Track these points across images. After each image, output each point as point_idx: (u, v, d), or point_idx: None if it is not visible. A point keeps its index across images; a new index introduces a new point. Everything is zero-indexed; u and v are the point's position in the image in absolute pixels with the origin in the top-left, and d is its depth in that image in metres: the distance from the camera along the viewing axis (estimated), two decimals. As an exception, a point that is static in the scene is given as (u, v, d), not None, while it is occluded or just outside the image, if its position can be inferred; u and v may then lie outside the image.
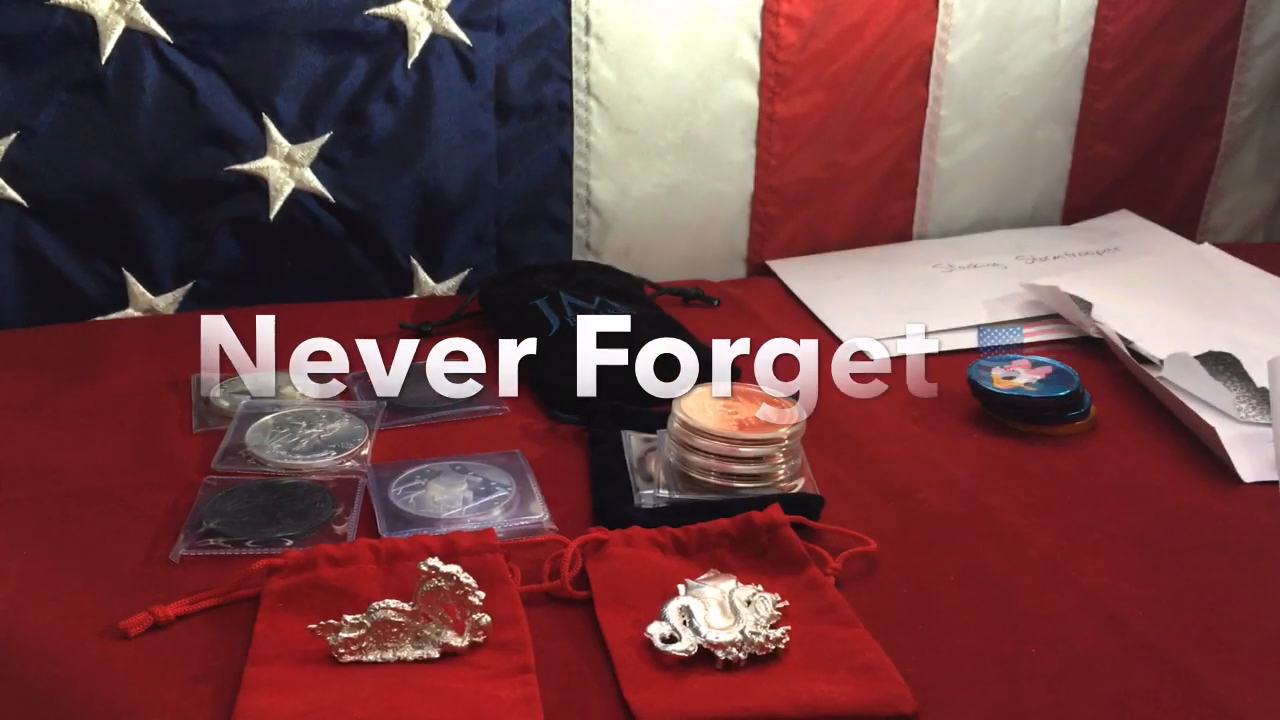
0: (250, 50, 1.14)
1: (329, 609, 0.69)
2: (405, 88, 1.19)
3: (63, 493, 0.85)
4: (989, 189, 1.44)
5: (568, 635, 0.71)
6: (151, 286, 1.19)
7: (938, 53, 1.36)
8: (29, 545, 0.79)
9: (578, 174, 1.28)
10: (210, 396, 0.98)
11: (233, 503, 0.83)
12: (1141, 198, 1.49)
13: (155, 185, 1.15)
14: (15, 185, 1.11)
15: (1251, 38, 1.45)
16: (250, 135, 1.16)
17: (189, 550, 0.78)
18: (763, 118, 1.31)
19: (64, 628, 0.70)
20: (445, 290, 1.28)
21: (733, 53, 1.28)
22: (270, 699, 0.64)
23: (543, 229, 1.29)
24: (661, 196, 1.31)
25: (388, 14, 1.17)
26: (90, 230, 1.15)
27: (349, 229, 1.22)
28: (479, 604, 0.68)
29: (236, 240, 1.20)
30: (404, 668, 0.67)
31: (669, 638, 0.69)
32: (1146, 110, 1.45)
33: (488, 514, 0.83)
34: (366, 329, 1.05)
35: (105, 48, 1.10)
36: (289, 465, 0.89)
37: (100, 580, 0.75)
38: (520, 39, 1.22)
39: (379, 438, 0.94)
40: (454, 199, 1.24)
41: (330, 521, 0.82)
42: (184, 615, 0.71)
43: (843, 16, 1.30)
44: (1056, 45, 1.40)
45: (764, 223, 1.35)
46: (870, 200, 1.40)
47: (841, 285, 1.29)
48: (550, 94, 1.24)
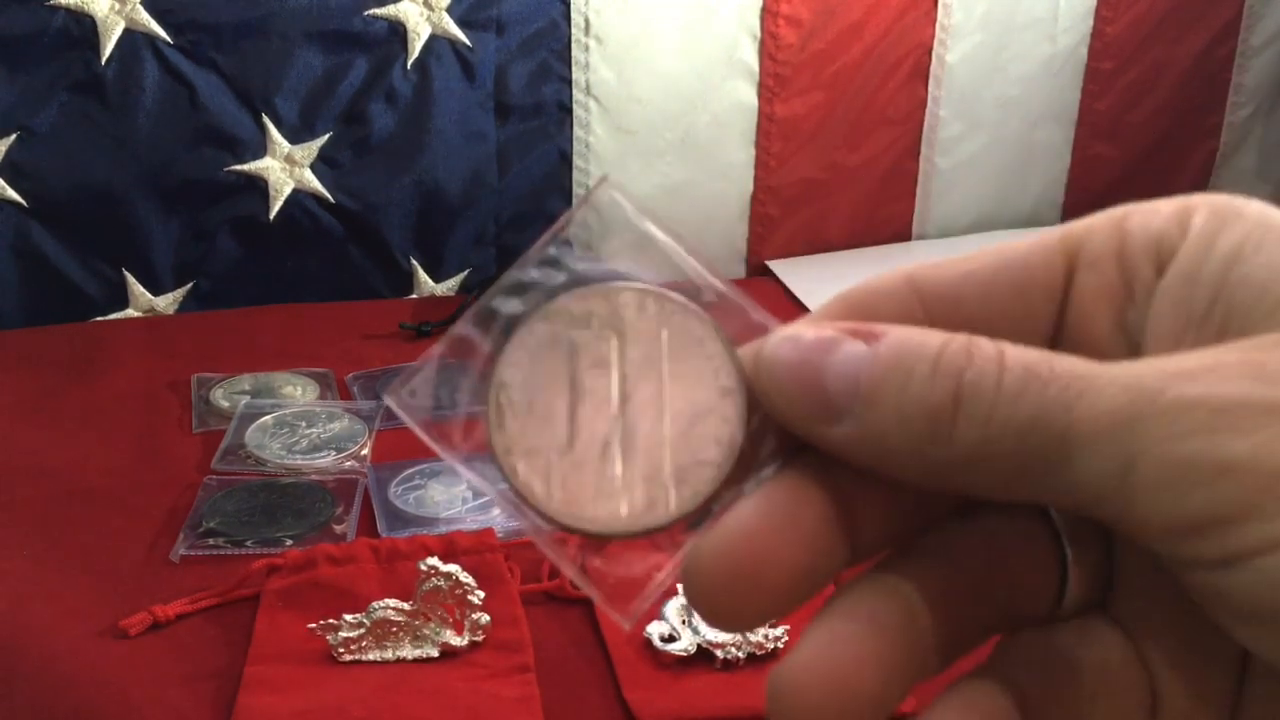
0: (250, 51, 1.14)
1: (329, 608, 0.69)
2: (405, 88, 1.19)
3: (63, 493, 0.86)
4: (988, 189, 1.44)
5: (567, 635, 0.71)
6: (151, 286, 1.19)
7: (937, 53, 1.36)
8: (29, 545, 0.79)
9: (577, 174, 1.28)
10: (210, 396, 0.99)
11: (233, 502, 0.83)
12: (1140, 198, 1.42)
13: (155, 185, 1.15)
14: (15, 185, 1.12)
15: (1250, 38, 1.45)
16: (250, 135, 1.16)
17: (189, 550, 0.78)
18: (762, 118, 1.31)
19: (64, 627, 0.70)
20: (445, 290, 1.28)
21: (732, 53, 1.28)
22: (270, 698, 0.64)
23: (542, 229, 1.28)
24: (661, 197, 1.31)
25: (387, 14, 1.17)
26: (90, 230, 1.15)
27: (349, 229, 1.22)
28: (478, 603, 0.68)
29: (236, 240, 1.20)
30: (403, 667, 0.67)
31: (668, 637, 0.69)
32: (1145, 111, 1.45)
33: (487, 514, 0.83)
34: (366, 329, 1.05)
35: (105, 48, 1.10)
36: (289, 465, 0.89)
37: (100, 580, 0.75)
38: (520, 39, 1.22)
39: (379, 438, 0.94)
40: (454, 199, 1.24)
41: (330, 521, 0.82)
42: (184, 615, 0.72)
43: (842, 17, 1.30)
44: (1055, 46, 1.40)
45: (763, 223, 1.36)
46: (869, 200, 1.40)
47: (841, 285, 1.28)
48: (550, 94, 1.24)
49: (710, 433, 0.22)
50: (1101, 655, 0.22)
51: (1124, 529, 0.20)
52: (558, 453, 0.22)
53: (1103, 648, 0.23)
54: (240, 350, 1.09)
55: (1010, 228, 1.46)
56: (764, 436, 0.22)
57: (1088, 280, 0.23)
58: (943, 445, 0.20)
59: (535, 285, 0.23)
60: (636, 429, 0.22)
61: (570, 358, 0.22)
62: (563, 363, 0.22)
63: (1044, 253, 0.23)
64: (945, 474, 0.21)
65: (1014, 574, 0.23)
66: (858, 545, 0.22)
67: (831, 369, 0.21)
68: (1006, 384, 0.20)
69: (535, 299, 0.22)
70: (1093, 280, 0.23)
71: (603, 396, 0.22)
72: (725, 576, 0.21)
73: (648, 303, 0.22)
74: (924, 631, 0.22)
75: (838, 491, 0.22)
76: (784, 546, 0.21)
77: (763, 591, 0.21)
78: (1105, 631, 0.23)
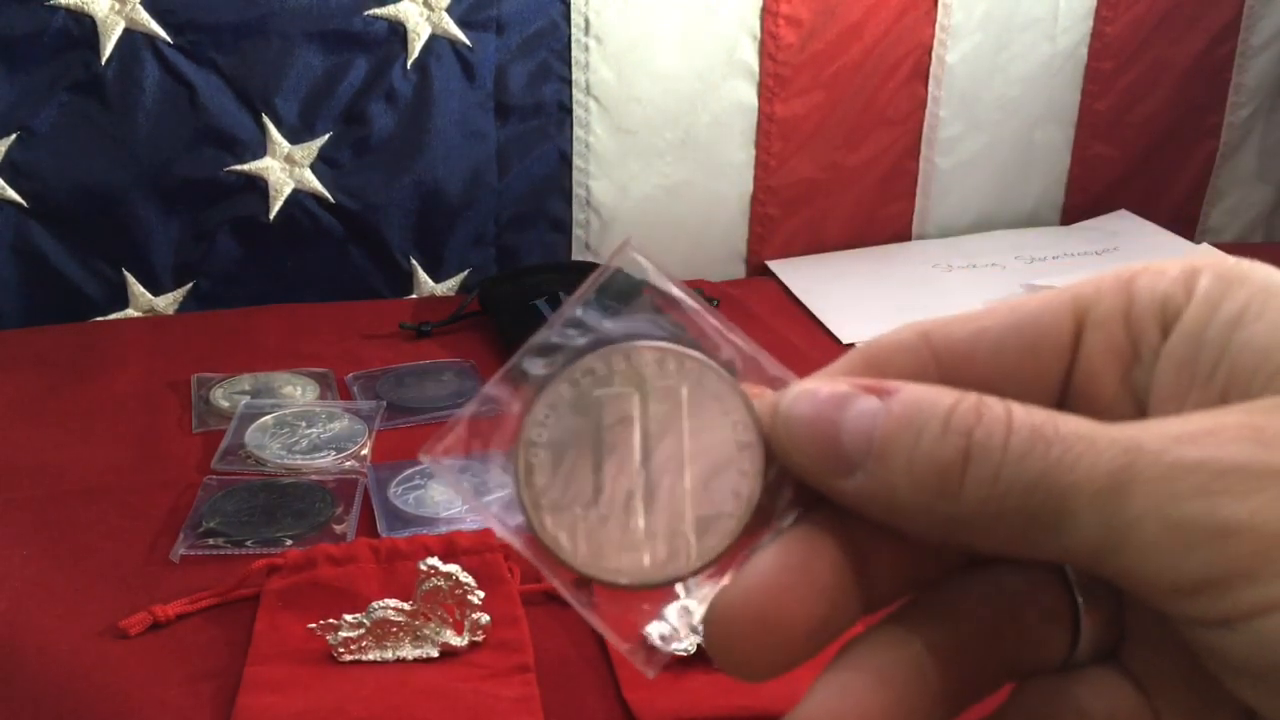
0: (250, 50, 1.14)
1: (328, 608, 0.69)
2: (405, 88, 1.19)
3: (63, 493, 0.86)
4: (988, 189, 1.44)
5: (567, 635, 0.71)
6: (151, 286, 1.19)
7: (937, 53, 1.36)
8: (29, 545, 0.79)
9: (577, 174, 1.28)
10: (210, 396, 0.99)
11: (233, 502, 0.83)
12: (1140, 198, 1.49)
13: (155, 185, 1.15)
14: (15, 185, 1.12)
15: (1250, 38, 1.45)
16: (250, 135, 1.16)
17: (189, 550, 0.78)
18: (762, 118, 1.31)
19: (64, 627, 0.70)
20: (445, 290, 1.28)
21: (732, 53, 1.28)
22: (270, 698, 0.64)
23: (542, 229, 1.29)
24: (661, 197, 1.31)
25: (387, 14, 1.17)
26: (90, 230, 1.15)
27: (349, 229, 1.22)
28: (478, 603, 0.68)
29: (236, 240, 1.20)
30: (403, 667, 0.67)
31: (668, 637, 0.68)
32: (1145, 111, 1.45)
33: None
34: (366, 329, 1.05)
35: (105, 48, 1.10)
36: (289, 465, 0.89)
37: (100, 580, 0.75)
38: (520, 39, 1.22)
39: (379, 438, 0.94)
40: (454, 199, 1.24)
41: (330, 521, 0.82)
42: (184, 615, 0.72)
43: (842, 17, 1.30)
44: (1055, 46, 1.40)
45: (763, 223, 1.36)
46: (869, 200, 1.40)
47: (841, 285, 1.29)
48: (550, 94, 1.24)
49: (729, 485, 0.22)
50: (1111, 705, 0.23)
51: (1126, 587, 0.20)
52: (583, 506, 0.23)
53: (1113, 697, 0.23)
54: (240, 350, 1.09)
55: (1010, 228, 1.46)
56: (781, 489, 0.23)
57: (1096, 340, 0.23)
58: (951, 501, 0.21)
59: (561, 346, 0.24)
60: (658, 483, 0.23)
61: (594, 415, 0.23)
62: (588, 420, 0.23)
63: (1054, 313, 0.24)
64: (953, 529, 0.21)
65: (1025, 624, 0.23)
66: (872, 596, 0.23)
67: (847, 424, 0.22)
68: (1013, 444, 0.21)
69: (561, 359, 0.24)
70: (1101, 340, 0.23)
71: (626, 452, 0.23)
72: (744, 625, 0.22)
73: (668, 360, 0.23)
74: (932, 683, 0.22)
75: (852, 544, 0.22)
76: (800, 597, 0.22)
77: (779, 640, 0.22)
78: (1116, 681, 0.23)
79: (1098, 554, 0.20)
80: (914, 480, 0.21)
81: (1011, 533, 0.21)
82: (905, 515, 0.21)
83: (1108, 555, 0.20)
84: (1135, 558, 0.20)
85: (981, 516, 0.21)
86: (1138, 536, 0.19)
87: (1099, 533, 0.20)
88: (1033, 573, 0.23)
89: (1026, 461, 0.20)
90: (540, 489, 0.23)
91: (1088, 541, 0.20)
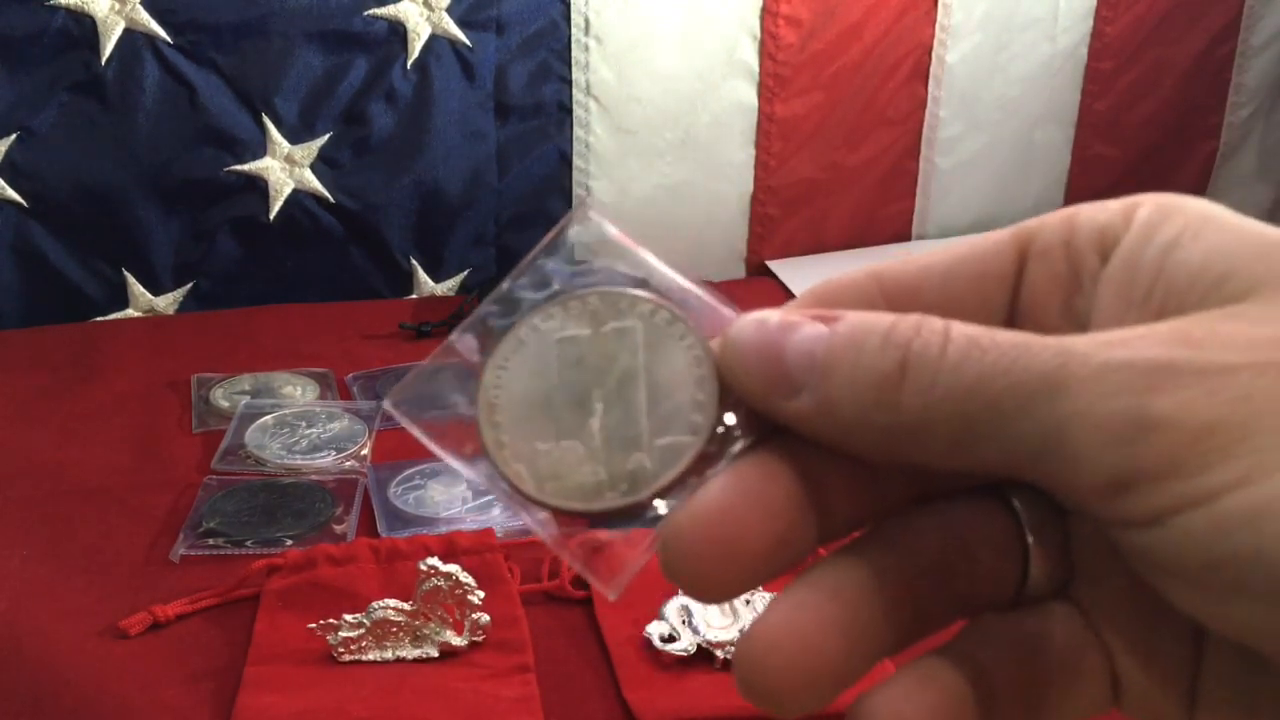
0: (250, 51, 1.14)
1: (328, 608, 0.69)
2: (405, 88, 1.19)
3: (63, 493, 0.86)
4: (988, 189, 1.44)
5: (567, 635, 0.71)
6: (151, 286, 1.19)
7: (937, 53, 1.36)
8: (29, 545, 0.79)
9: (577, 174, 1.28)
10: (210, 396, 0.99)
11: (233, 502, 0.84)
12: None
13: (155, 185, 1.15)
14: (15, 185, 1.12)
15: (1250, 38, 1.45)
16: (250, 135, 1.16)
17: (189, 550, 0.78)
18: (762, 118, 1.31)
19: (64, 627, 0.70)
20: (445, 290, 1.28)
21: (732, 53, 1.28)
22: (270, 698, 0.64)
23: (543, 229, 1.27)
24: (661, 197, 1.31)
25: (387, 14, 1.17)
26: (90, 230, 1.15)
27: (349, 229, 1.22)
28: (478, 603, 0.68)
29: (236, 240, 1.20)
30: (403, 667, 0.67)
31: (668, 637, 0.69)
32: (1145, 111, 1.45)
33: (487, 514, 0.83)
34: (366, 329, 1.05)
35: (105, 48, 1.10)
36: (289, 465, 0.89)
37: (100, 580, 0.75)
38: (520, 39, 1.22)
39: (379, 438, 0.94)
40: (454, 199, 1.24)
41: (330, 521, 0.82)
42: (183, 615, 0.72)
43: (842, 17, 1.30)
44: (1055, 46, 1.40)
45: (763, 223, 1.36)
46: (869, 200, 1.40)
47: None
48: (550, 94, 1.24)
49: (686, 416, 0.23)
50: (1063, 638, 0.23)
51: (1060, 491, 0.21)
52: (543, 441, 0.24)
53: (1064, 631, 0.24)
54: (240, 350, 1.09)
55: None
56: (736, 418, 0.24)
57: (1038, 269, 0.24)
58: (890, 410, 0.21)
59: (523, 297, 0.25)
60: (617, 416, 0.24)
61: (553, 355, 0.24)
62: (546, 361, 0.24)
63: (997, 245, 0.25)
64: (895, 442, 0.22)
65: (976, 558, 0.24)
66: (826, 525, 0.23)
67: (791, 346, 0.22)
68: (950, 353, 0.21)
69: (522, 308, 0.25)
70: (1043, 269, 0.24)
71: (584, 389, 0.24)
72: (699, 546, 0.22)
73: (622, 301, 0.25)
74: (886, 607, 0.23)
75: (805, 470, 0.23)
76: (754, 518, 0.22)
77: (735, 561, 0.22)
78: (1066, 616, 0.24)
79: (1034, 457, 0.20)
80: (855, 394, 0.22)
81: (950, 440, 0.21)
82: (849, 432, 0.22)
83: (1042, 458, 0.20)
84: (1068, 458, 0.20)
85: (921, 425, 0.21)
86: (1069, 435, 0.20)
87: (1033, 434, 0.20)
88: (982, 509, 0.24)
89: (963, 368, 0.21)
90: (503, 428, 0.24)
91: (1023, 444, 0.20)
